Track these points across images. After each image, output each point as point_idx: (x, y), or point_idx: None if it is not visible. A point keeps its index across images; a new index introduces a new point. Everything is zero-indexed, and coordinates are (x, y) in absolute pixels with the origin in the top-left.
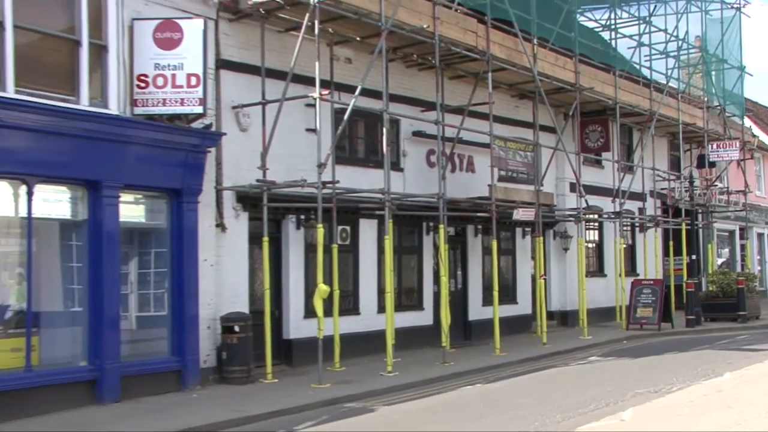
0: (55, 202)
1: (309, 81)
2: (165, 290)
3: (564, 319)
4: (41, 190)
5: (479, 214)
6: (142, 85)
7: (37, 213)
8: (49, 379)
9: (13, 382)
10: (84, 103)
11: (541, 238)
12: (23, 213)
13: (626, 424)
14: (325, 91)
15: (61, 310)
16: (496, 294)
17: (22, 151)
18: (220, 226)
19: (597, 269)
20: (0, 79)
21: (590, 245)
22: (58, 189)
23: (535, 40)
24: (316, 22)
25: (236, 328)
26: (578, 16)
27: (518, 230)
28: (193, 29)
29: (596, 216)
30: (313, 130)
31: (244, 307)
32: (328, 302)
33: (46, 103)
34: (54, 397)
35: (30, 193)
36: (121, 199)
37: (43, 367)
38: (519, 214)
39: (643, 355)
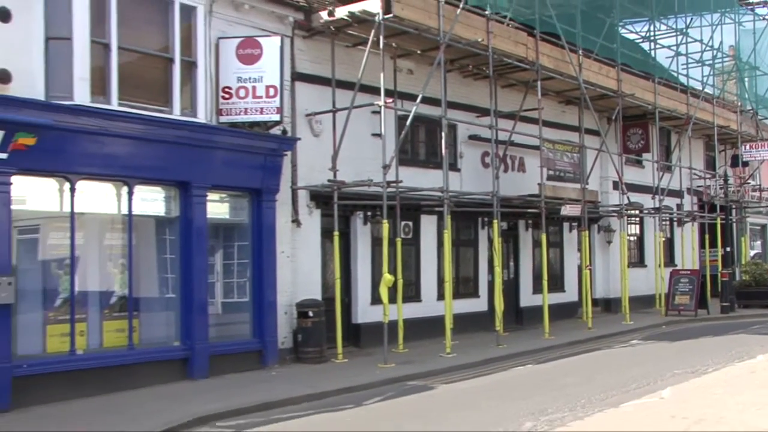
0: (151, 201)
1: (374, 90)
2: (247, 279)
3: (607, 305)
4: (140, 191)
5: (530, 210)
6: (227, 96)
7: (136, 211)
8: (147, 356)
9: (118, 358)
10: (176, 113)
11: (587, 231)
12: (125, 211)
13: (665, 402)
14: (389, 100)
15: (157, 297)
16: (545, 283)
17: (123, 156)
18: (296, 221)
19: (638, 260)
20: (105, 94)
21: (632, 238)
22: (154, 189)
23: (580, 51)
24: (381, 38)
25: (310, 314)
26: (620, 28)
27: (565, 225)
28: (271, 46)
29: (637, 211)
30: (379, 135)
31: (317, 295)
32: (392, 290)
33: (144, 114)
34: (152, 372)
35: (130, 193)
36: (208, 198)
37: (142, 346)
38: (566, 210)
39: (680, 338)
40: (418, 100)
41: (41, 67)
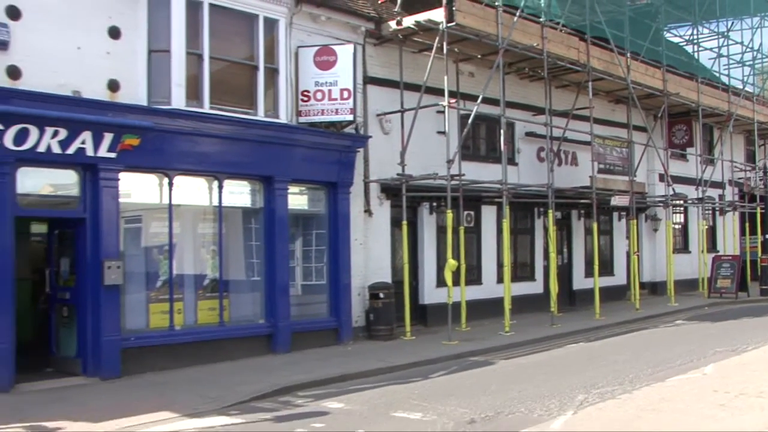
0: (238, 193)
1: (439, 92)
2: (324, 264)
3: (654, 288)
4: (228, 185)
5: (582, 201)
6: (305, 99)
7: (225, 202)
8: (236, 332)
9: (210, 333)
10: (261, 115)
11: (635, 220)
12: (216, 202)
13: (708, 377)
14: (453, 100)
15: (244, 279)
16: (596, 267)
17: (214, 154)
18: (368, 211)
19: (682, 246)
20: (199, 98)
21: (677, 226)
22: (241, 183)
23: (628, 54)
24: (445, 44)
25: (381, 295)
26: (665, 32)
27: (615, 214)
28: (345, 53)
29: (682, 202)
30: (443, 133)
31: (387, 278)
32: (455, 274)
33: (233, 116)
34: (240, 347)
35: (220, 187)
36: (289, 190)
37: (231, 323)
38: (616, 201)
39: (722, 319)
40: (479, 100)
41: (144, 77)
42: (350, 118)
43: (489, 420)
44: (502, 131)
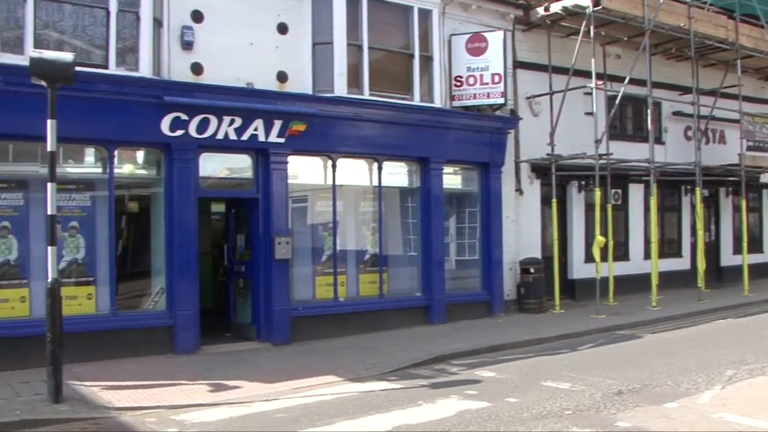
0: (396, 174)
1: (586, 74)
2: (476, 240)
3: None
4: (387, 166)
5: (729, 178)
6: (458, 84)
7: (384, 182)
8: (394, 304)
9: (371, 305)
10: (416, 100)
11: None
12: (375, 183)
13: None
14: (600, 82)
15: (402, 254)
16: (744, 244)
17: (374, 137)
18: (518, 190)
19: None
20: (359, 86)
21: None
22: (398, 164)
23: None
24: (592, 28)
25: (531, 270)
26: None
27: (764, 191)
28: (495, 39)
29: None
30: (591, 113)
31: (537, 254)
32: (603, 250)
33: (390, 101)
34: (398, 318)
35: (380, 168)
36: (443, 171)
37: (390, 296)
38: (766, 178)
39: None
40: (626, 81)
41: (309, 67)
42: (501, 101)
43: (636, 392)
44: (649, 111)
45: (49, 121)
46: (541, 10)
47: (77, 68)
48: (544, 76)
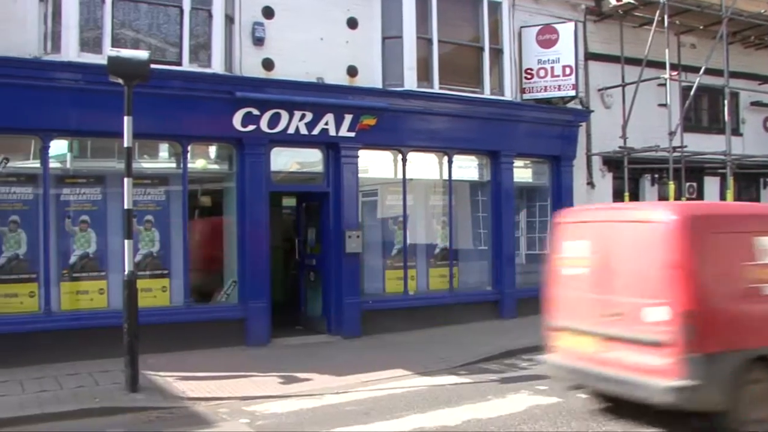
0: (466, 168)
1: (660, 65)
2: (546, 234)
3: None
4: (457, 159)
5: None
6: (528, 77)
7: (454, 176)
8: (464, 298)
9: (441, 299)
10: (487, 93)
11: None
12: (445, 176)
13: None
14: (674, 73)
15: (472, 248)
16: None
17: (443, 131)
18: (590, 184)
19: None
20: (428, 79)
21: None
22: (468, 158)
23: None
24: (665, 17)
25: None
26: None
27: None
28: (566, 31)
29: None
30: (664, 105)
31: None
32: None
33: (460, 95)
34: (467, 312)
35: (450, 162)
36: (514, 164)
37: (460, 290)
38: None
39: None
40: (701, 71)
41: (379, 62)
42: (572, 93)
43: None
44: (725, 102)
45: (125, 118)
46: (613, 0)
47: (152, 66)
48: (616, 67)
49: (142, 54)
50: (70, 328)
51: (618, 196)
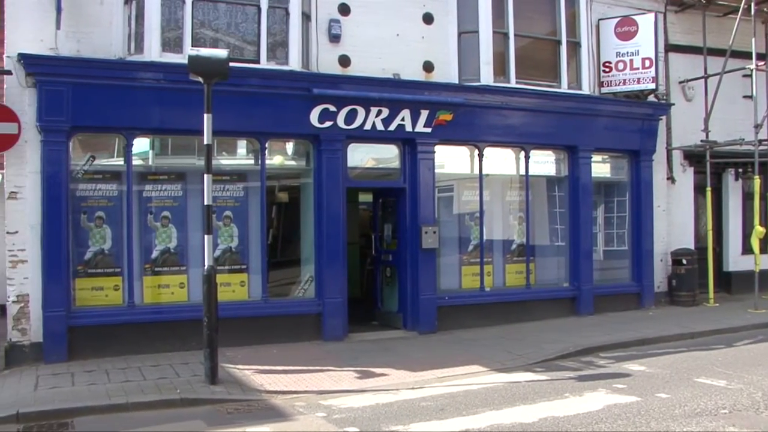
0: (543, 163)
1: (745, 55)
2: (625, 230)
3: None
4: (534, 155)
5: None
6: (606, 70)
7: (531, 171)
8: (541, 295)
9: (517, 295)
10: (564, 87)
11: None
12: (522, 172)
13: None
14: (761, 63)
15: (548, 245)
16: None
17: (520, 126)
18: (670, 179)
19: None
20: (505, 74)
21: None
22: (545, 153)
23: None
24: (752, 5)
25: (684, 261)
26: None
27: None
28: (646, 22)
29: None
30: (750, 97)
31: (689, 245)
32: (763, 241)
33: (537, 89)
34: (544, 308)
35: (527, 157)
36: (592, 159)
37: (537, 286)
38: None
39: None
40: None
41: (455, 57)
42: (652, 86)
43: None
44: None
45: (205, 116)
46: None
47: (231, 64)
48: (698, 58)
49: (221, 53)
50: (152, 321)
51: (699, 191)
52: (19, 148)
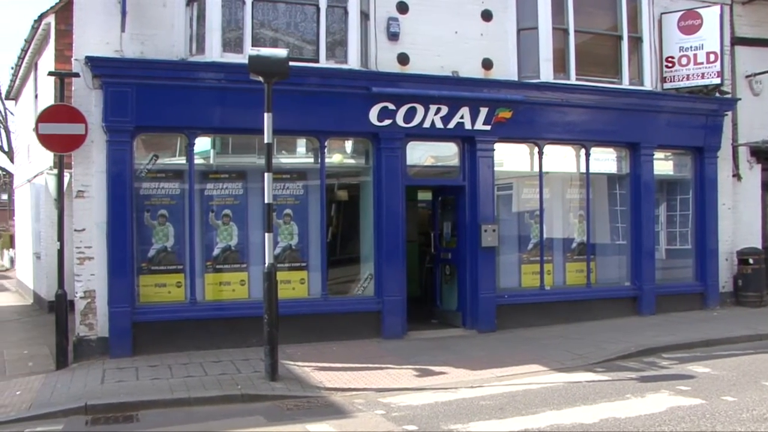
0: (604, 160)
1: None
2: (688, 229)
3: None
4: (595, 152)
5: None
6: (669, 65)
7: (592, 169)
8: (602, 294)
9: (578, 294)
10: (625, 83)
11: None
12: (582, 169)
13: None
14: None
15: (609, 243)
16: None
17: (580, 123)
18: (736, 176)
19: None
20: (565, 71)
21: None
22: (606, 150)
23: None
24: None
25: (750, 261)
26: None
27: None
28: (710, 15)
29: None
30: None
31: (756, 244)
32: None
33: (598, 86)
34: (605, 308)
35: (587, 154)
36: (654, 156)
37: (598, 285)
38: None
39: None
40: None
41: (514, 54)
42: (717, 81)
43: None
44: None
45: (266, 114)
46: None
47: (290, 63)
48: (767, 51)
49: (281, 52)
50: (214, 318)
51: (767, 189)
52: (85, 148)
